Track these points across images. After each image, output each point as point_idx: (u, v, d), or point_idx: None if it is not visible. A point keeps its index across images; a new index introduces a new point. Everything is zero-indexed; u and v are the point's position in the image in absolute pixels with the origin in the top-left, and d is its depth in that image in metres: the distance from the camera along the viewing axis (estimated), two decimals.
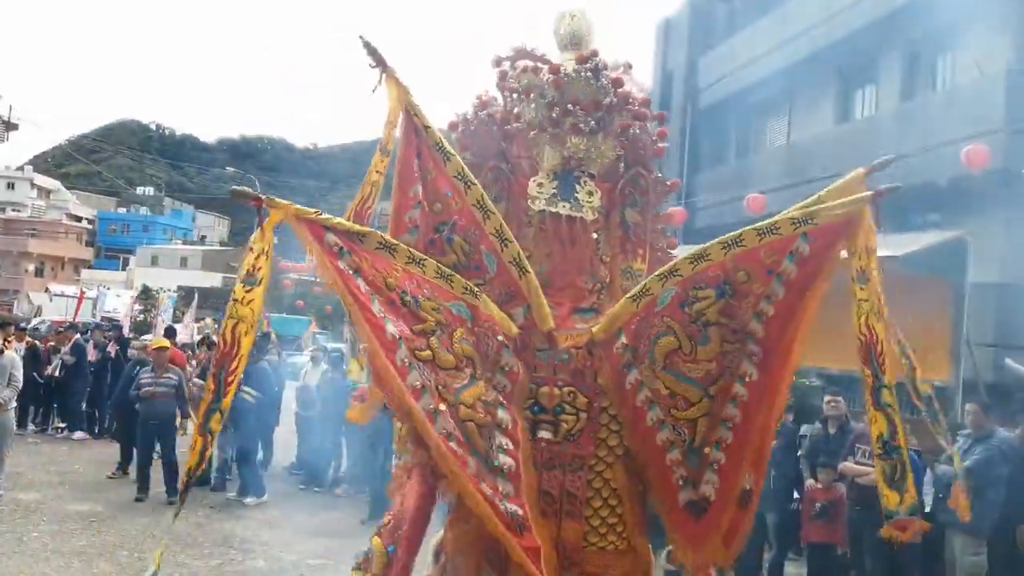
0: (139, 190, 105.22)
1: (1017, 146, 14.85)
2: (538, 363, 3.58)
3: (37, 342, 17.94)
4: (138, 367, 13.83)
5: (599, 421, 3.56)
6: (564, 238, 3.82)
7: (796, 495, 9.76)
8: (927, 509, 9.31)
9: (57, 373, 16.90)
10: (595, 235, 3.90)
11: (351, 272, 3.36)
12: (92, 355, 17.39)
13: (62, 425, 17.45)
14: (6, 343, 12.42)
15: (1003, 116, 15.64)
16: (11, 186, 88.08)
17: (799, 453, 9.71)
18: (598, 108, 3.88)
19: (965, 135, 14.74)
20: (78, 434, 16.91)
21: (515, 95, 4.00)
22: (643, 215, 4.04)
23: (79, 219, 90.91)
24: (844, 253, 3.48)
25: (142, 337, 19.75)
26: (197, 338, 19.09)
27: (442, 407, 3.24)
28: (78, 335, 17.91)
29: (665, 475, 3.48)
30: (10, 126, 23.41)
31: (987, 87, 16.46)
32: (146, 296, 44.09)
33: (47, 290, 57.73)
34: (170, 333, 17.59)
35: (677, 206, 20.98)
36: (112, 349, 17.47)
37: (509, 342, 3.51)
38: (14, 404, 12.14)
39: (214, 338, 17.01)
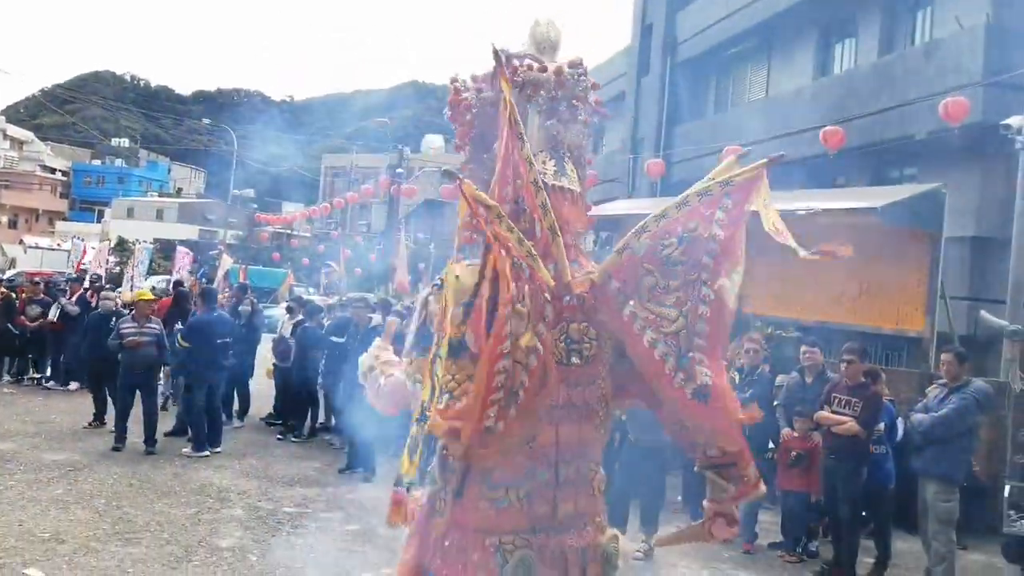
0: (114, 142, 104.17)
1: (994, 99, 14.88)
2: (566, 306, 4.37)
3: (12, 293, 17.82)
4: (113, 319, 13.76)
5: (603, 349, 4.43)
6: (562, 207, 4.58)
7: (771, 444, 9.85)
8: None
9: (55, 319, 16.74)
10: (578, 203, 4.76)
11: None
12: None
13: (37, 376, 17.36)
14: None
15: (981, 69, 15.66)
16: None
17: (775, 403, 9.78)
18: (586, 104, 4.75)
19: (943, 89, 14.76)
20: (72, 385, 16.72)
21: (518, 86, 4.66)
22: (582, 185, 4.85)
23: (53, 171, 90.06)
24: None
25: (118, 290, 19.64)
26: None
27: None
28: (83, 287, 17.73)
29: (668, 381, 4.24)
30: None
31: (966, 40, 16.45)
32: (122, 248, 43.86)
33: (21, 242, 57.33)
34: (178, 285, 17.54)
35: (656, 158, 20.98)
36: (93, 300, 17.34)
37: (549, 294, 4.18)
38: None
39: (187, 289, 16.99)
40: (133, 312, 12.79)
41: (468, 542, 4.33)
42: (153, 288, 22.77)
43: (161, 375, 13.47)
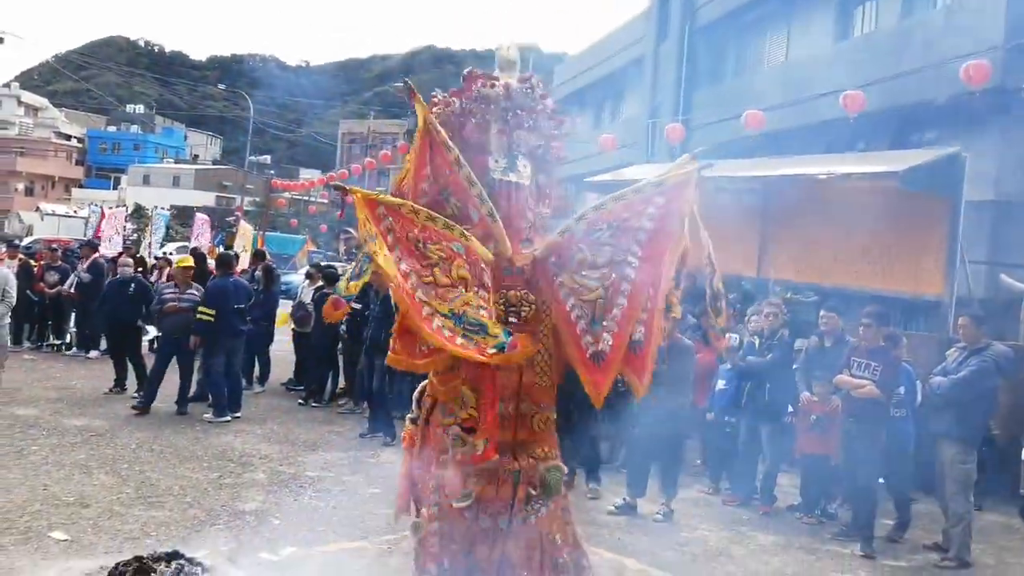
0: (129, 108, 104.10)
1: (1015, 63, 14.74)
2: (505, 277, 5.58)
3: (30, 260, 17.92)
4: (132, 284, 13.83)
5: (542, 311, 5.61)
6: (510, 197, 5.83)
7: (790, 408, 9.86)
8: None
9: (72, 290, 16.86)
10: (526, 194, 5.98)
11: (387, 231, 5.22)
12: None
13: (57, 343, 17.47)
14: None
15: (1002, 33, 15.48)
16: None
17: (794, 366, 9.78)
18: (533, 113, 5.94)
19: (964, 52, 14.61)
20: (93, 353, 16.83)
21: (475, 100, 5.91)
22: (548, 178, 6.09)
23: (68, 137, 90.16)
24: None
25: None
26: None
27: (436, 307, 5.17)
28: (97, 253, 17.76)
29: (576, 340, 5.50)
30: None
31: (987, 3, 16.26)
32: (139, 215, 43.99)
33: (38, 209, 57.60)
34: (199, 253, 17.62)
35: (675, 123, 20.87)
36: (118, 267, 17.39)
37: (487, 266, 5.42)
38: (8, 321, 12.18)
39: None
40: (173, 279, 13.07)
41: (431, 458, 5.71)
42: (168, 255, 22.92)
43: None
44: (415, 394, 5.97)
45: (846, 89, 14.61)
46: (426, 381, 5.84)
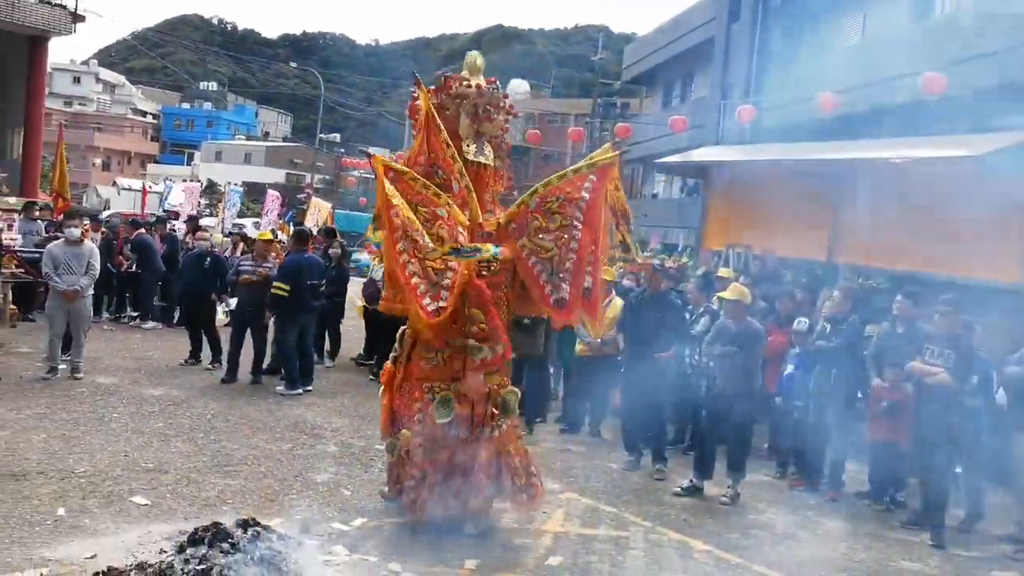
0: (202, 85, 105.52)
1: None
2: (477, 239, 7.08)
3: (111, 232, 18.27)
4: (208, 258, 14.05)
5: (504, 267, 7.21)
6: (479, 174, 7.48)
7: (860, 394, 9.76)
8: None
9: (135, 269, 17.20)
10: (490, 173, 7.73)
11: (393, 189, 6.93)
12: (160, 248, 17.68)
13: (135, 315, 17.79)
14: (83, 233, 12.68)
15: None
16: (77, 80, 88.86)
17: (865, 352, 9.68)
18: (498, 108, 7.63)
19: None
20: (148, 324, 17.22)
21: (453, 96, 7.53)
22: (502, 161, 7.80)
23: (144, 114, 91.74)
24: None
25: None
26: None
27: (412, 260, 6.83)
28: (140, 230, 17.98)
29: (541, 289, 7.12)
30: (77, 17, 23.34)
31: None
32: (211, 190, 44.67)
33: (115, 183, 58.69)
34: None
35: (746, 104, 20.64)
36: (190, 240, 17.71)
37: (464, 229, 7.13)
38: (91, 292, 12.47)
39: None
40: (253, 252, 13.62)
41: (413, 387, 7.30)
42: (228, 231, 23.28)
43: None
44: (398, 335, 7.72)
45: (925, 71, 14.33)
46: (405, 326, 7.57)
